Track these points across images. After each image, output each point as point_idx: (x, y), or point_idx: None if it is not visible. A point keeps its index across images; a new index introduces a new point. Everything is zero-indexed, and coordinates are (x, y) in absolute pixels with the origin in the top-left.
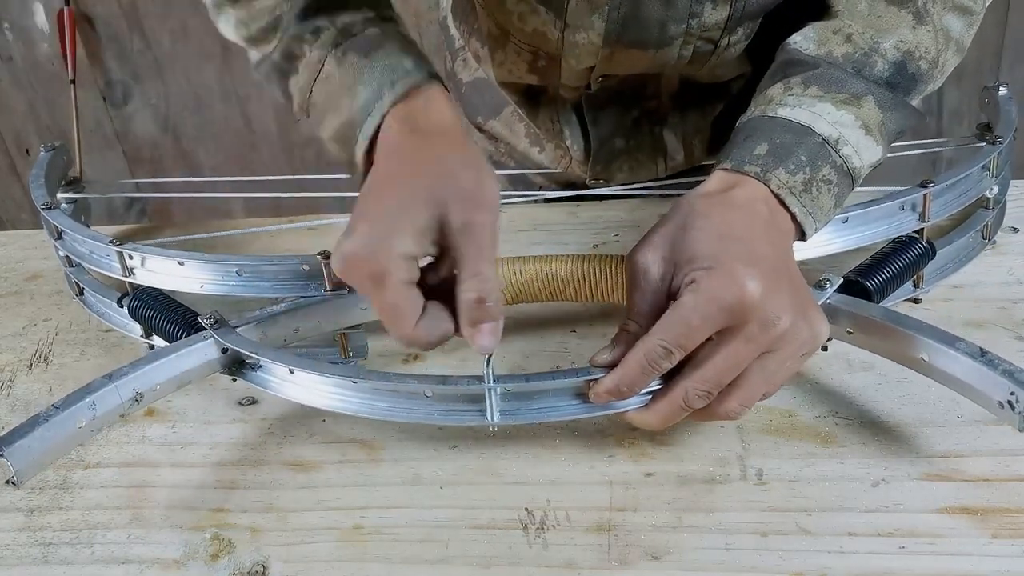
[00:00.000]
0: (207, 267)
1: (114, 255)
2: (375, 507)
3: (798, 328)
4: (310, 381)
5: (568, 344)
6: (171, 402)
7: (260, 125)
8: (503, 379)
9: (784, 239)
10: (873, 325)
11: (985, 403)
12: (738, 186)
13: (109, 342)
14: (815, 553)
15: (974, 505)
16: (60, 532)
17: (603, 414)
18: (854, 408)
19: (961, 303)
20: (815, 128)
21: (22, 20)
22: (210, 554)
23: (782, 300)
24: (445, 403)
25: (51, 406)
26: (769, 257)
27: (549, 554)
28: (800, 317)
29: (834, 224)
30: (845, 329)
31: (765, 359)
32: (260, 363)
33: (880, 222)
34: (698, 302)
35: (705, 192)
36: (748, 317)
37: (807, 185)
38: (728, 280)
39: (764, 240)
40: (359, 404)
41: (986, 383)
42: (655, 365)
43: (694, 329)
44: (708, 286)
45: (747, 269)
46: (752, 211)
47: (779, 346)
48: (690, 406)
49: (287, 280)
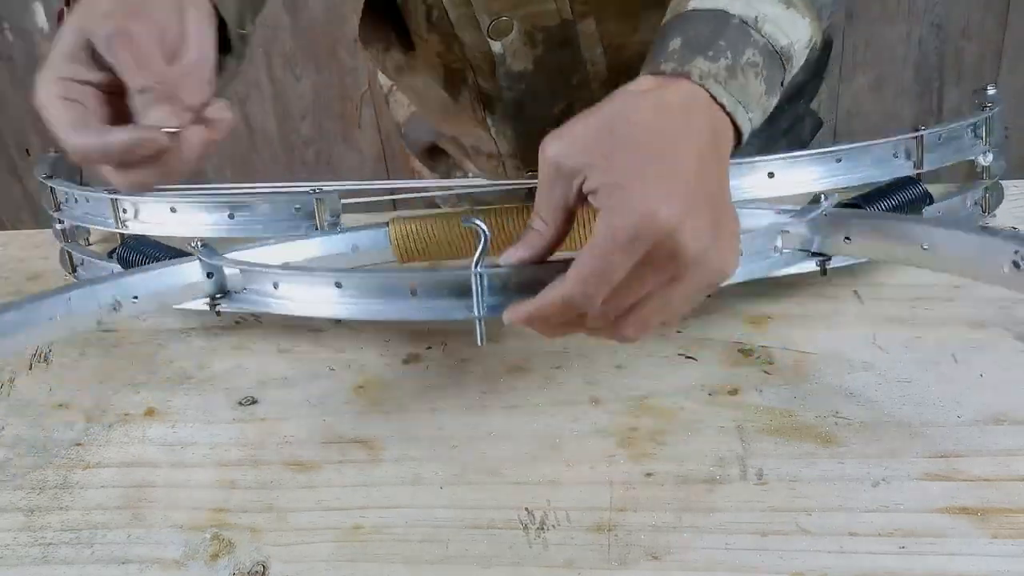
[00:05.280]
0: (200, 212)
1: (107, 204)
2: (375, 507)
3: (708, 259)
4: (295, 292)
5: (568, 344)
6: (171, 402)
7: (260, 125)
8: (490, 268)
9: (717, 146)
10: (870, 226)
11: (992, 275)
12: (666, 87)
13: (109, 342)
14: (815, 553)
15: (974, 505)
16: (60, 532)
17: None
18: (854, 408)
19: (961, 303)
20: (729, 10)
21: (22, 20)
22: (210, 554)
23: (696, 227)
24: (431, 299)
25: (30, 296)
26: (691, 175)
27: (549, 554)
28: (712, 246)
29: (827, 163)
30: (843, 238)
31: (668, 287)
32: (243, 287)
33: (874, 166)
34: (613, 236)
35: (636, 91)
36: (657, 245)
37: (731, 71)
38: (640, 204)
39: (691, 152)
40: (346, 308)
41: (989, 251)
42: (574, 310)
43: (613, 269)
44: (621, 211)
45: (662, 192)
46: (685, 114)
47: (685, 276)
48: (584, 324)
49: (281, 220)
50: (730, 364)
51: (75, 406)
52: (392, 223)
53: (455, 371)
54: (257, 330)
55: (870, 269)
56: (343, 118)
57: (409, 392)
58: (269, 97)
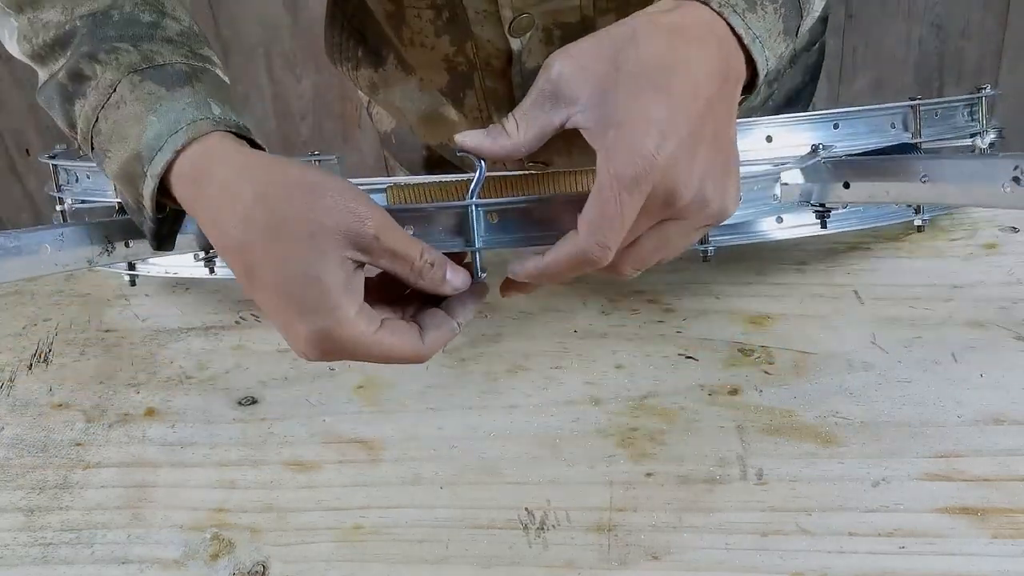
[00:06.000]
0: None
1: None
2: (375, 507)
3: (707, 199)
4: None
5: (568, 344)
6: (171, 402)
7: (260, 125)
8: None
9: (727, 83)
10: (867, 167)
11: (991, 196)
12: (685, 12)
13: (109, 342)
14: (815, 553)
15: (974, 505)
16: (60, 532)
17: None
18: (854, 408)
19: (961, 303)
20: None
21: None
22: (210, 554)
23: (694, 168)
24: (427, 237)
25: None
26: (695, 114)
27: (549, 554)
28: (711, 186)
29: (825, 128)
30: (842, 184)
31: (665, 226)
32: None
33: (872, 134)
34: (618, 181)
35: (652, 14)
36: (657, 185)
37: (751, 3)
38: (640, 145)
39: (699, 90)
40: None
41: (989, 172)
42: (589, 263)
43: (624, 215)
44: (621, 152)
45: (662, 132)
46: (700, 46)
47: (683, 215)
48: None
49: None
50: (730, 364)
51: (75, 406)
52: (389, 189)
53: (455, 371)
54: (257, 330)
55: (870, 269)
56: (343, 118)
57: (409, 392)
58: (269, 97)
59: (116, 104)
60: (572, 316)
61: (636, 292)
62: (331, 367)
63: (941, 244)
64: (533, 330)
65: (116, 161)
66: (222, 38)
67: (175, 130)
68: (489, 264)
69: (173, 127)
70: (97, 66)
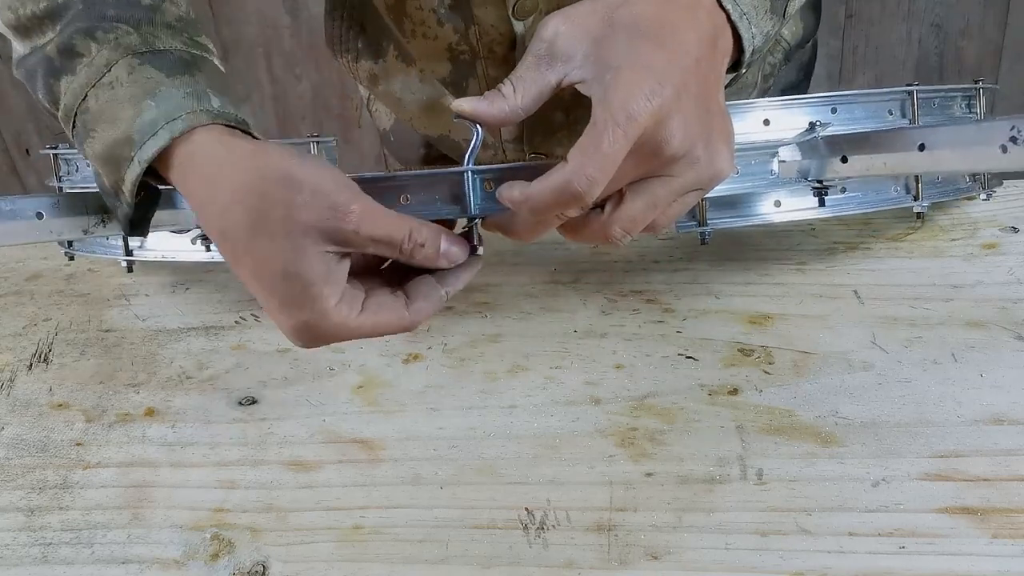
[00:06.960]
0: None
1: None
2: (375, 507)
3: (695, 156)
4: None
5: (568, 344)
6: (171, 402)
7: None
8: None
9: (715, 51)
10: (865, 139)
11: (989, 159)
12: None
13: (109, 342)
14: (815, 553)
15: (974, 505)
16: (60, 532)
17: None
18: (854, 408)
19: (961, 303)
20: None
21: None
22: (210, 554)
23: (684, 122)
24: (424, 206)
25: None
26: (687, 70)
27: (549, 554)
28: (701, 145)
29: (823, 111)
30: (839, 158)
31: (653, 183)
32: None
33: (869, 120)
34: (611, 116)
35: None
36: (646, 131)
37: None
38: (635, 86)
39: (690, 47)
40: None
41: (986, 135)
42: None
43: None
44: (616, 90)
45: (655, 79)
46: (690, 10)
47: (671, 171)
48: (571, 223)
49: None
50: (730, 364)
51: (75, 406)
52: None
53: (455, 371)
54: (257, 330)
55: (870, 269)
56: (343, 118)
57: (409, 392)
58: (269, 97)
59: (111, 84)
60: (572, 316)
61: (636, 292)
62: (331, 367)
63: (941, 244)
64: (533, 330)
65: (101, 142)
66: (222, 38)
67: (173, 117)
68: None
69: (171, 114)
70: (93, 44)
